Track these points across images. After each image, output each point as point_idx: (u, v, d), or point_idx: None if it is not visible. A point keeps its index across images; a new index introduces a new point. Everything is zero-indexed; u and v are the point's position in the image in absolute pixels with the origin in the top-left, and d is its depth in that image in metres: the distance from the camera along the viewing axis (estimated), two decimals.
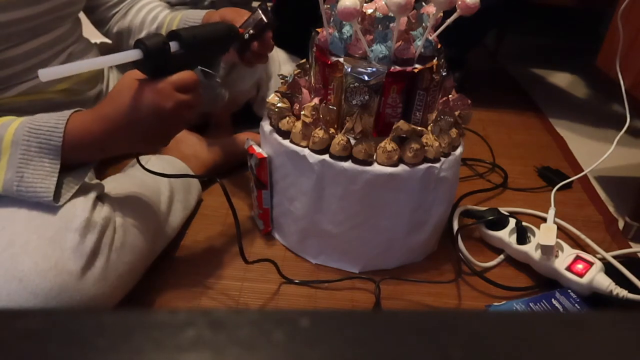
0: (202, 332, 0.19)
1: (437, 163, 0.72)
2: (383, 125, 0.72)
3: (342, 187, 0.72)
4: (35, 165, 0.59)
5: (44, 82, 0.76)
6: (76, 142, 0.60)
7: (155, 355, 0.18)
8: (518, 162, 1.13)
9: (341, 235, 0.76)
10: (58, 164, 0.60)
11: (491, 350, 0.19)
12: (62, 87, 0.80)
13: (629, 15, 0.95)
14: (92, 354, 0.18)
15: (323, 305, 0.73)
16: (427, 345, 0.19)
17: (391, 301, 0.75)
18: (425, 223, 0.78)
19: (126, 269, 0.65)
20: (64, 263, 0.57)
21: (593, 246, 0.84)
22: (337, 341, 0.19)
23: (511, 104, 1.41)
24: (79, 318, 0.20)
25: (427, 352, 0.19)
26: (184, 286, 0.75)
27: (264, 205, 0.82)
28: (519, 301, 0.73)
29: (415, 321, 0.21)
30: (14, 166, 0.59)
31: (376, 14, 0.73)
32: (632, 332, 0.21)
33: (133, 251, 0.67)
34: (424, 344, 0.19)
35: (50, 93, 0.79)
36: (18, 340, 0.19)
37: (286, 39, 1.11)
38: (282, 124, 0.75)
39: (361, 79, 0.68)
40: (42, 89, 0.77)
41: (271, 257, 0.76)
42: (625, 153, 1.20)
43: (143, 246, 0.69)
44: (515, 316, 0.23)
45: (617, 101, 0.96)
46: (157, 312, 0.20)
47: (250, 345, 0.19)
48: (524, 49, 1.89)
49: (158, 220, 0.75)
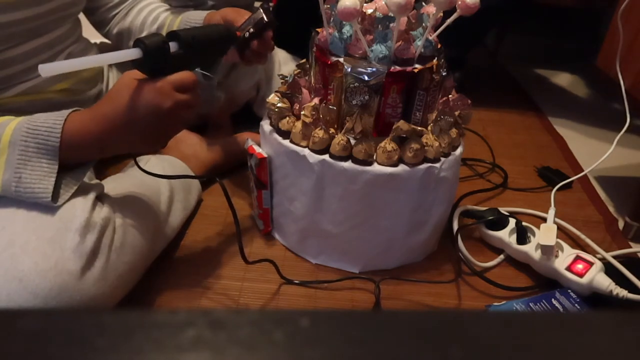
0: (202, 332, 0.19)
1: (437, 163, 0.73)
2: (383, 125, 0.72)
3: (342, 187, 0.72)
4: (34, 166, 0.59)
5: (43, 82, 0.77)
6: (74, 142, 0.60)
7: (155, 355, 0.18)
8: (518, 162, 1.13)
9: (341, 235, 0.76)
10: (56, 165, 0.60)
11: (491, 350, 0.19)
12: (61, 87, 0.80)
13: (629, 15, 0.95)
14: (92, 354, 0.18)
15: (323, 305, 0.73)
16: (427, 345, 0.19)
17: (391, 301, 0.75)
18: (425, 223, 0.78)
19: (126, 268, 0.65)
20: (64, 263, 0.57)
21: (593, 246, 0.84)
22: (337, 341, 0.19)
23: (511, 104, 1.41)
24: (79, 318, 0.20)
25: (427, 352, 0.19)
26: (184, 286, 0.75)
27: (264, 205, 0.82)
28: (519, 301, 0.73)
29: (415, 321, 0.21)
30: (12, 167, 0.59)
31: (376, 14, 0.73)
32: (632, 332, 0.21)
33: (133, 251, 0.66)
34: (424, 344, 0.19)
35: (50, 93, 0.79)
36: (18, 340, 0.19)
37: (287, 39, 1.11)
38: (282, 124, 0.75)
39: (361, 79, 0.68)
40: (42, 89, 0.77)
41: (271, 257, 0.76)
42: (625, 153, 1.20)
43: (143, 246, 0.69)
44: (515, 316, 0.23)
45: (617, 101, 0.96)
46: (157, 312, 0.20)
47: (250, 345, 0.19)
48: (524, 49, 1.89)
49: (158, 220, 0.75)
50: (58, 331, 0.19)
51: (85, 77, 0.86)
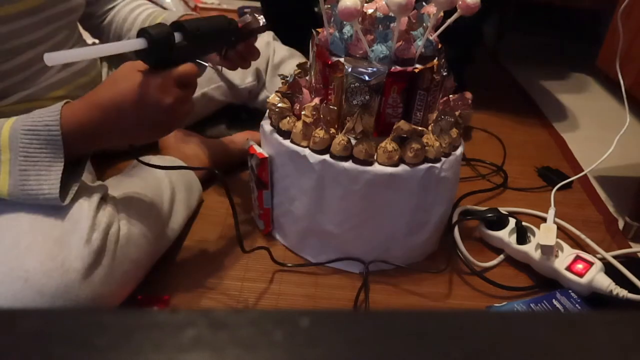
0: (202, 332, 0.19)
1: (437, 163, 0.72)
2: (383, 125, 0.72)
3: (342, 187, 0.72)
4: (38, 165, 0.59)
5: (40, 90, 0.76)
6: (72, 134, 0.59)
7: (155, 355, 0.18)
8: (518, 162, 1.13)
9: (342, 235, 0.76)
10: (62, 159, 0.59)
11: (491, 351, 0.19)
12: (59, 94, 0.80)
13: (629, 15, 0.95)
14: (92, 354, 0.18)
15: (323, 305, 0.73)
16: (427, 345, 0.19)
17: (391, 301, 0.75)
18: (426, 223, 0.78)
19: (132, 267, 0.65)
20: (70, 262, 0.57)
21: (593, 246, 0.84)
22: (337, 341, 0.19)
23: (511, 104, 1.41)
24: (79, 318, 0.20)
25: (427, 352, 0.19)
26: (184, 286, 0.75)
27: (265, 205, 0.82)
28: (519, 302, 0.73)
29: (415, 321, 0.21)
30: (16, 170, 0.58)
31: (376, 14, 0.73)
32: (632, 332, 0.21)
33: (138, 250, 0.67)
34: (423, 344, 0.20)
35: (47, 100, 0.78)
36: (19, 340, 0.19)
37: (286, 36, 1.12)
38: (282, 124, 0.75)
39: (362, 79, 0.68)
40: (39, 97, 0.77)
41: (273, 257, 0.77)
42: (625, 153, 1.20)
43: (147, 244, 0.69)
44: (515, 316, 0.23)
45: (617, 101, 0.95)
46: (157, 312, 0.20)
47: (250, 345, 0.19)
48: (523, 49, 1.89)
49: (161, 218, 0.75)
50: (58, 331, 0.19)
51: (82, 83, 0.86)
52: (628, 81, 0.95)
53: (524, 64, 1.73)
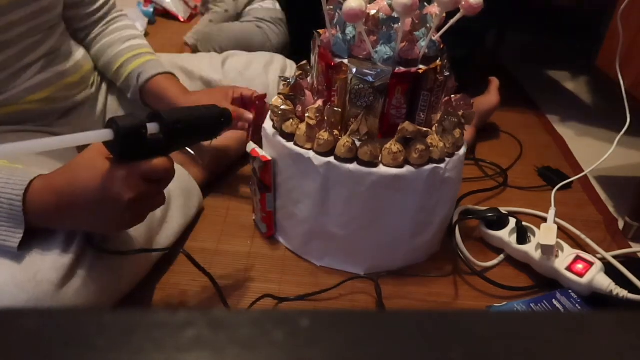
0: (202, 332, 0.19)
1: (442, 163, 0.72)
2: (388, 126, 0.72)
3: (347, 189, 0.71)
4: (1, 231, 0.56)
5: (17, 93, 0.74)
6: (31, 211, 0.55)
7: (155, 355, 0.18)
8: (518, 162, 1.13)
9: (346, 237, 0.76)
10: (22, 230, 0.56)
11: (491, 351, 0.19)
12: (41, 97, 0.78)
13: (629, 15, 0.95)
14: (92, 354, 0.18)
15: (323, 305, 0.73)
16: (427, 345, 0.19)
17: (391, 301, 0.75)
18: (430, 223, 0.77)
19: (112, 278, 0.63)
20: (43, 274, 0.56)
21: (593, 246, 0.84)
22: (337, 341, 0.19)
23: (511, 104, 1.41)
24: (79, 318, 0.20)
25: (427, 352, 0.19)
26: (184, 286, 0.75)
27: (268, 208, 0.81)
28: (519, 302, 0.73)
29: (415, 321, 0.21)
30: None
31: (379, 15, 0.72)
32: (632, 332, 0.21)
33: (119, 259, 0.65)
34: (424, 344, 0.19)
35: (27, 104, 0.76)
36: (18, 340, 0.19)
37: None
38: (285, 127, 0.74)
39: (366, 81, 0.68)
40: (16, 101, 0.75)
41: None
42: (625, 153, 1.20)
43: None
44: (515, 316, 0.23)
45: (617, 101, 0.95)
46: (157, 312, 0.20)
47: (250, 345, 0.19)
48: (524, 49, 1.89)
49: (150, 227, 0.72)
50: (58, 331, 0.19)
51: (68, 83, 0.83)
52: (628, 81, 0.95)
53: (524, 64, 1.73)
